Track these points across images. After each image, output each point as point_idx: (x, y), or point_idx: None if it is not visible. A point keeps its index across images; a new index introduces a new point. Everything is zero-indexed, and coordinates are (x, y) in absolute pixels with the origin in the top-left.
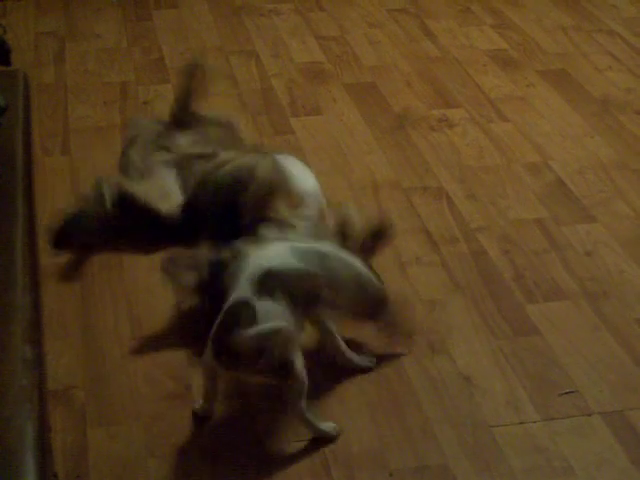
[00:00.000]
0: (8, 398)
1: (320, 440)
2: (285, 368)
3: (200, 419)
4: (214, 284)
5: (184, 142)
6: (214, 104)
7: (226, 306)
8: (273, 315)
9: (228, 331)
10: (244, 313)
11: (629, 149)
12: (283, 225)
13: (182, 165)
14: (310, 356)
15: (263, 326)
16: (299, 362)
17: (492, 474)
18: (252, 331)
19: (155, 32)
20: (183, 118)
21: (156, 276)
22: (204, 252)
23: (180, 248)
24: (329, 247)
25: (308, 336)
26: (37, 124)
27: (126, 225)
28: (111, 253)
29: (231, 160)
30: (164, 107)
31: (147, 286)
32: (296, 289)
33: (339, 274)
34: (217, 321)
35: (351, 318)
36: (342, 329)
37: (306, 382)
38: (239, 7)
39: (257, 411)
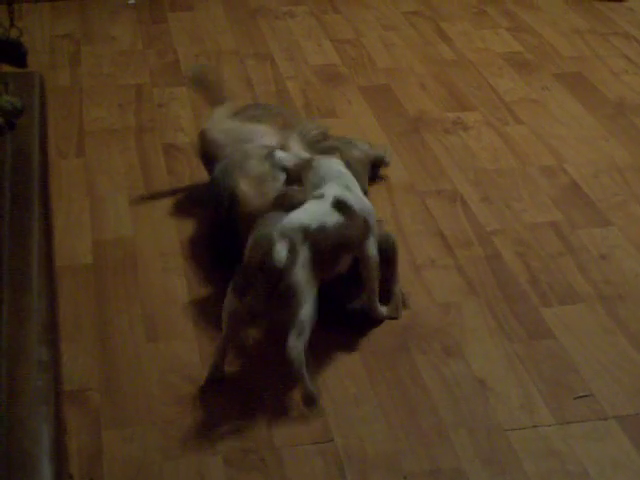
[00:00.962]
0: (24, 399)
1: (303, 399)
2: (290, 304)
3: (214, 384)
4: None
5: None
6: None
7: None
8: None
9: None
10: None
11: None
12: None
13: None
14: (324, 358)
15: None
16: (307, 310)
17: (506, 478)
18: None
19: (170, 35)
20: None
21: (170, 278)
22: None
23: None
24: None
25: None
26: (52, 126)
27: None
28: (125, 255)
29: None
30: (179, 110)
31: (162, 288)
32: (321, 244)
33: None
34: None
35: None
36: None
37: (308, 333)
38: (254, 10)
39: (272, 415)
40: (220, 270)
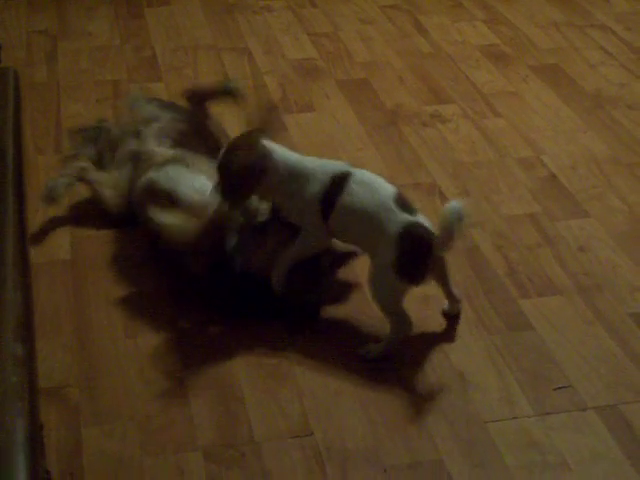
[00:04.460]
0: None
1: None
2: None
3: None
4: None
5: (151, 131)
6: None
7: (401, 229)
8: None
9: (416, 248)
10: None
11: (622, 144)
12: None
13: (136, 159)
14: (304, 353)
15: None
16: None
17: (486, 469)
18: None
19: (147, 30)
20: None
21: (148, 274)
22: None
23: None
24: None
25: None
26: (30, 123)
27: None
28: (103, 251)
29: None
30: None
31: (140, 284)
32: None
33: None
34: (396, 243)
35: None
36: None
37: None
38: (231, 4)
39: (251, 410)
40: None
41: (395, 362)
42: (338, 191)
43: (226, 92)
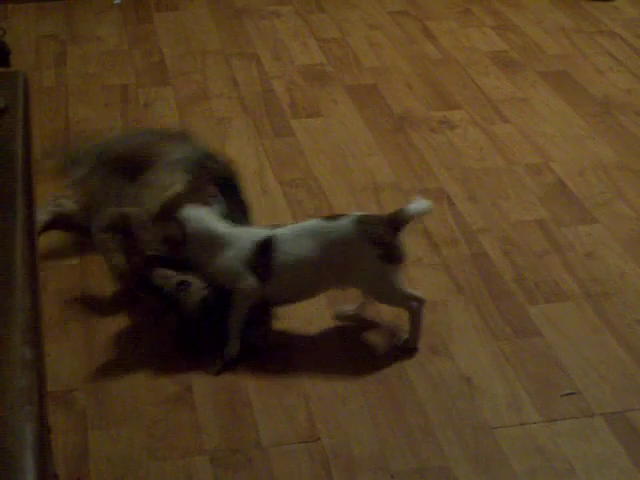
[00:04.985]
0: (7, 399)
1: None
2: None
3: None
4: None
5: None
6: (216, 106)
7: (359, 229)
8: None
9: (388, 228)
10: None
11: (630, 150)
12: None
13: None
14: (312, 358)
15: None
16: None
17: (493, 475)
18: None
19: (156, 34)
20: None
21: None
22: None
23: None
24: None
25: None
26: (38, 127)
27: None
28: None
29: None
30: (164, 109)
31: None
32: None
33: None
34: (369, 239)
35: None
36: None
37: None
38: (240, 9)
39: (258, 414)
40: None
41: (402, 367)
42: (270, 258)
43: None
